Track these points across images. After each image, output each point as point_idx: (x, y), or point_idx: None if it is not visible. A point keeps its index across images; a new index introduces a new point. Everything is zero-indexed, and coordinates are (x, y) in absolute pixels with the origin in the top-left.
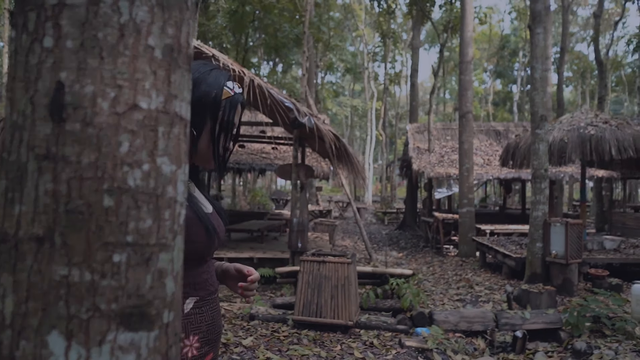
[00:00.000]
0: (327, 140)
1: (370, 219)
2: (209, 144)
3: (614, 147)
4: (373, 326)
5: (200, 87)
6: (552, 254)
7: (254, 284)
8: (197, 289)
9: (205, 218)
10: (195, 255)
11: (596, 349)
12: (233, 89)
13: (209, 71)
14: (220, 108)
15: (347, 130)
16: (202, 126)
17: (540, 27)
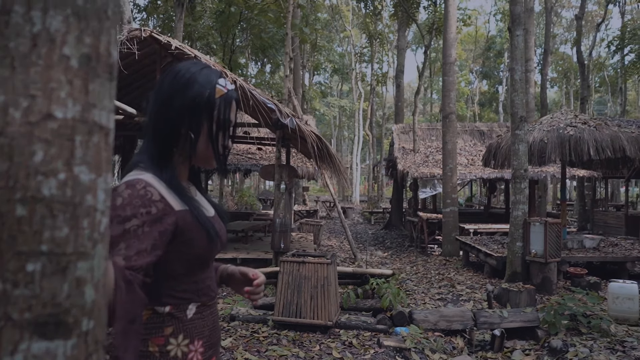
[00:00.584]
0: (309, 141)
1: (357, 219)
2: (207, 144)
3: (592, 148)
4: (353, 326)
5: (193, 87)
6: (531, 253)
7: (260, 287)
8: (200, 295)
9: (206, 222)
10: (198, 260)
11: (572, 346)
12: (225, 86)
13: (199, 70)
14: (215, 107)
15: (335, 130)
16: (198, 127)
17: (520, 29)
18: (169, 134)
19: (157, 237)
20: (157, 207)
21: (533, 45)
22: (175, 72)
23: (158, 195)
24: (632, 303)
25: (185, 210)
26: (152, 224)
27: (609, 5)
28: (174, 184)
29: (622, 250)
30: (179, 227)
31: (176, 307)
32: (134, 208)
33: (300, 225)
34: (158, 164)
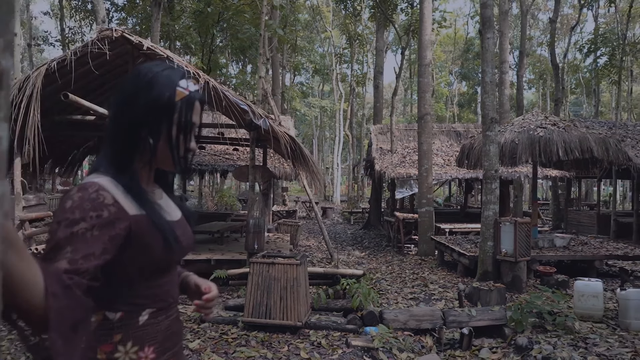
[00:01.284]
0: (282, 142)
1: (337, 219)
2: (168, 147)
3: (561, 148)
4: (323, 326)
5: (153, 90)
6: (502, 252)
7: (211, 302)
8: (156, 301)
9: (165, 228)
10: (155, 266)
11: (536, 343)
12: (187, 87)
13: (160, 72)
14: (175, 110)
15: (317, 130)
16: (158, 130)
17: (491, 32)
18: (129, 137)
19: (107, 242)
20: (109, 210)
21: (508, 48)
22: (136, 74)
23: (111, 199)
24: (597, 300)
25: (142, 215)
26: (102, 227)
27: (583, 9)
28: (133, 187)
29: (591, 248)
30: (133, 232)
31: (128, 313)
32: (83, 211)
33: (278, 225)
34: (117, 167)
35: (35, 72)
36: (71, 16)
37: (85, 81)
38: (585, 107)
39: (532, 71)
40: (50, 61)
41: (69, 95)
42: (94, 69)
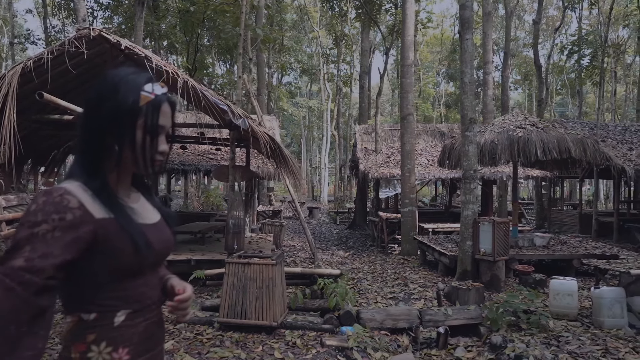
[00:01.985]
0: (262, 142)
1: (323, 219)
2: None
3: (539, 149)
4: (299, 326)
5: (117, 96)
6: (481, 251)
7: (184, 304)
8: (130, 302)
9: (134, 232)
10: (126, 269)
11: (510, 342)
12: (153, 91)
13: (125, 77)
14: (140, 115)
15: (305, 130)
16: (122, 136)
17: (469, 33)
18: (96, 143)
19: (68, 243)
20: (73, 214)
21: (491, 49)
22: (103, 80)
23: (76, 203)
24: (572, 299)
25: (110, 218)
26: (65, 230)
27: (567, 10)
28: (103, 192)
29: (569, 248)
30: (99, 236)
31: (102, 314)
32: (46, 214)
33: (262, 225)
34: (88, 172)
35: (11, 71)
36: (54, 14)
37: (63, 80)
38: (571, 107)
39: (518, 72)
40: (26, 60)
41: (44, 94)
42: (71, 68)
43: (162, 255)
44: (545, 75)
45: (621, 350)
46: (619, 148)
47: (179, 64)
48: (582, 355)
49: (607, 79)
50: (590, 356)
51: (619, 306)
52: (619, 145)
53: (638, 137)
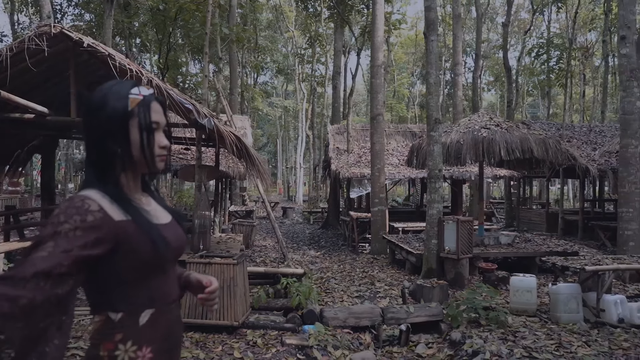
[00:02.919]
0: (227, 142)
1: (297, 219)
2: (140, 150)
3: (503, 149)
4: (261, 326)
5: (106, 107)
6: (445, 249)
7: (214, 294)
8: (155, 300)
9: (151, 231)
10: (148, 267)
11: (469, 338)
12: (140, 93)
13: (110, 88)
14: (134, 116)
15: (281, 130)
16: (124, 140)
17: (434, 34)
18: (101, 153)
19: (89, 243)
20: (94, 216)
21: (461, 50)
22: (90, 97)
23: (97, 206)
24: (531, 295)
25: (128, 220)
26: (86, 230)
27: (536, 14)
28: (118, 197)
29: (533, 245)
30: (120, 237)
31: (128, 314)
32: (68, 216)
33: (233, 226)
34: (101, 180)
35: None
36: (21, 11)
37: (25, 78)
38: (541, 108)
39: (490, 73)
40: None
41: (1, 92)
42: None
43: (178, 252)
44: (515, 76)
45: (574, 344)
46: (584, 148)
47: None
48: (537, 350)
49: (576, 81)
50: (544, 350)
51: (574, 302)
52: (584, 145)
53: (602, 138)
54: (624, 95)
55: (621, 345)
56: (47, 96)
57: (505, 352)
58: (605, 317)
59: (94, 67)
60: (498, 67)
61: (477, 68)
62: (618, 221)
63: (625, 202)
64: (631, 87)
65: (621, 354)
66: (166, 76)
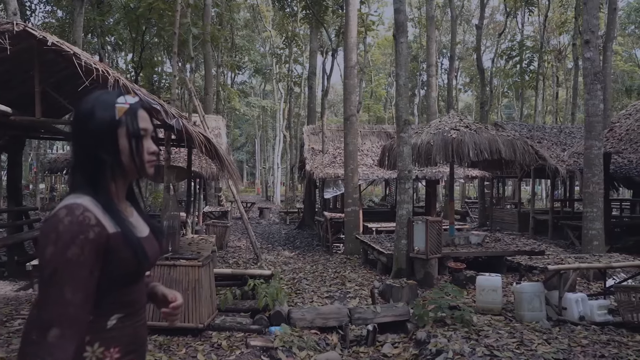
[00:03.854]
0: (196, 143)
1: (274, 219)
2: (130, 158)
3: (472, 150)
4: (227, 327)
5: (94, 117)
6: (414, 249)
7: (177, 310)
8: (124, 307)
9: (136, 245)
10: (125, 278)
11: (434, 337)
12: (126, 101)
13: (97, 98)
14: (121, 125)
15: (259, 130)
16: (114, 148)
17: (404, 36)
18: (92, 162)
19: (94, 260)
20: (94, 231)
21: (435, 52)
22: (79, 107)
23: (94, 220)
24: (496, 294)
25: (118, 232)
26: (90, 249)
27: (509, 17)
28: (109, 207)
29: (502, 245)
30: (110, 248)
31: (97, 317)
32: (73, 235)
33: (207, 227)
34: (91, 186)
35: None
36: None
37: None
38: (517, 110)
39: (466, 75)
40: None
41: None
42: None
43: (153, 265)
44: (489, 78)
45: (535, 341)
46: (554, 149)
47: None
48: (498, 348)
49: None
50: (506, 348)
51: (537, 300)
52: (554, 146)
53: (572, 139)
54: (588, 98)
55: (580, 342)
56: (11, 95)
57: (467, 351)
58: (567, 315)
59: (59, 66)
60: (474, 69)
61: (452, 69)
62: (583, 221)
63: (590, 202)
64: (595, 90)
65: (579, 350)
66: (140, 75)
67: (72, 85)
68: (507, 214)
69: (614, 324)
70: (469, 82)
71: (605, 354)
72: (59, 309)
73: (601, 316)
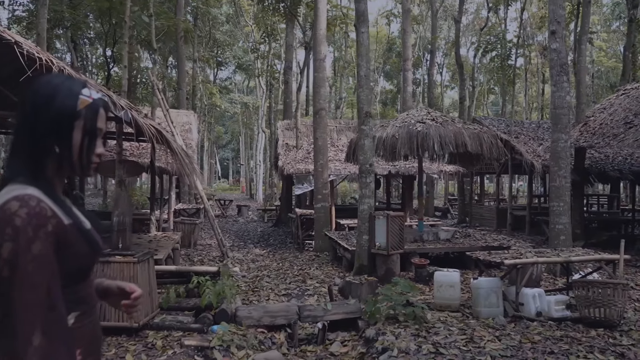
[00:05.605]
0: (147, 135)
1: (252, 217)
2: (77, 154)
3: (436, 143)
4: (166, 327)
5: (55, 101)
6: (376, 245)
7: (139, 301)
8: (80, 304)
9: (89, 236)
10: (79, 272)
11: (383, 335)
12: (90, 95)
13: (61, 83)
14: (79, 118)
15: (243, 128)
16: (65, 140)
17: (365, 26)
18: (39, 149)
19: (52, 254)
20: (51, 223)
21: (410, 46)
22: (37, 87)
23: (50, 211)
24: (454, 290)
25: (71, 223)
26: (51, 241)
27: (490, 12)
28: (57, 198)
29: (471, 240)
30: (66, 241)
31: None
32: (35, 229)
33: (175, 224)
34: (36, 178)
35: None
36: None
37: None
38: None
39: (448, 70)
40: None
41: None
42: None
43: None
44: (471, 73)
45: (485, 338)
46: (530, 144)
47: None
48: (445, 345)
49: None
50: (453, 345)
51: (495, 296)
52: (531, 141)
53: (549, 134)
54: (555, 90)
55: (532, 338)
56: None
57: (413, 349)
58: (524, 310)
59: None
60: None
61: (433, 64)
62: (550, 215)
63: (556, 196)
64: (561, 82)
65: (529, 347)
66: (114, 69)
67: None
68: (486, 210)
69: (572, 320)
70: (451, 78)
71: (555, 350)
72: (34, 312)
73: (559, 312)
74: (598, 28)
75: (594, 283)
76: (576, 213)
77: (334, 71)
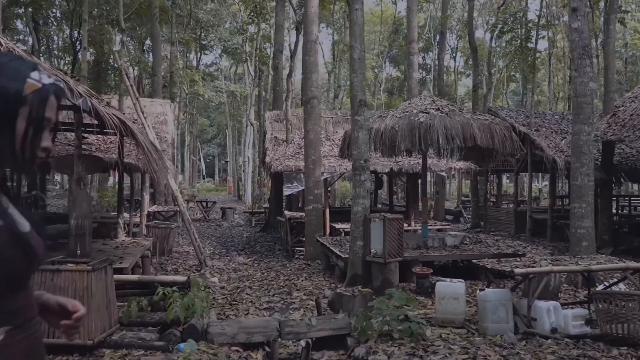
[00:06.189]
0: (109, 125)
1: (238, 221)
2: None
3: (441, 135)
4: (125, 345)
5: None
6: (371, 252)
7: (80, 322)
8: (12, 317)
9: (24, 240)
10: (11, 281)
11: (374, 354)
12: (40, 80)
13: (7, 63)
14: (25, 104)
15: (230, 120)
16: (6, 129)
17: (359, 2)
18: None
19: None
20: None
21: (416, 26)
22: None
23: None
24: (458, 303)
25: (2, 226)
26: None
27: None
28: None
29: (482, 247)
30: None
31: None
32: None
33: (148, 229)
34: None
35: None
36: None
37: None
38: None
39: (463, 55)
40: None
41: None
42: None
43: (41, 264)
44: (488, 58)
45: (490, 358)
46: (553, 138)
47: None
48: None
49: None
50: None
51: (503, 309)
52: (553, 134)
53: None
54: (576, 76)
55: (545, 358)
56: None
57: None
58: (537, 326)
59: None
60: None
61: (443, 48)
62: (570, 218)
63: (578, 196)
64: (583, 66)
65: None
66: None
67: None
68: (503, 213)
69: (591, 337)
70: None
71: None
72: None
73: (577, 328)
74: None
75: (616, 295)
76: (603, 216)
77: (332, 56)
